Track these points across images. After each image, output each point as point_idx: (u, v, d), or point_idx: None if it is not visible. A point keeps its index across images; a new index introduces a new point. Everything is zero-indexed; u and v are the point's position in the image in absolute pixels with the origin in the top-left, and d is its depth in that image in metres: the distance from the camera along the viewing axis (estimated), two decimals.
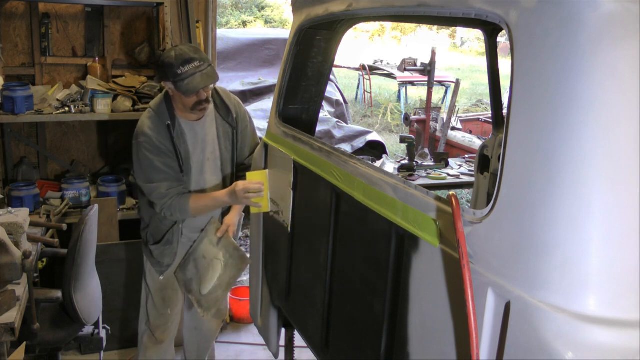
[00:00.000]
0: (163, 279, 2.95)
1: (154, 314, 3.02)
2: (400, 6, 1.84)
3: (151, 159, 2.69)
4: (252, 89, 7.07)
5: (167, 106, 2.74)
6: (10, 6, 3.77)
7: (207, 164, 2.84)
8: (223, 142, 2.85)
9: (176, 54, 2.60)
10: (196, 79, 2.58)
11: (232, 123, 2.86)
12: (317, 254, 2.35)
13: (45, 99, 3.66)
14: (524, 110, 1.29)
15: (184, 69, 2.56)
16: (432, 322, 1.61)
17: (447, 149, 6.77)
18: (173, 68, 2.58)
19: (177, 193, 2.71)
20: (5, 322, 2.22)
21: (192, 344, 3.15)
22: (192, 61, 2.58)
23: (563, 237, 1.21)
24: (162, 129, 2.71)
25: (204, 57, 2.64)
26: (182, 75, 2.56)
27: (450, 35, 28.31)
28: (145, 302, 3.06)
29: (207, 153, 2.83)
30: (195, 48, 2.67)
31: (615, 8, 1.18)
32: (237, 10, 24.68)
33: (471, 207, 3.56)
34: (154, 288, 2.98)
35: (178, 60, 2.57)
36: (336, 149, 2.28)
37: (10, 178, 3.87)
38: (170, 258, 2.90)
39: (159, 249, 2.89)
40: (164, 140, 2.71)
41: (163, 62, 2.63)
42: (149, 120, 2.73)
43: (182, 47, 2.65)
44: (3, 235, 2.32)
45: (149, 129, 2.70)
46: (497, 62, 3.29)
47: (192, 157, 2.78)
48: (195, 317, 3.10)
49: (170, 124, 2.72)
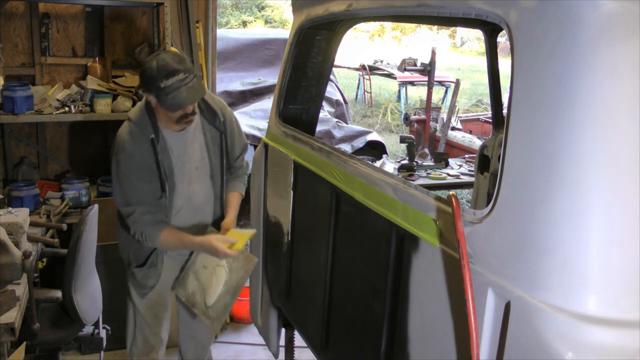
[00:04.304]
0: (154, 295, 2.74)
1: (148, 334, 2.79)
2: (400, 6, 1.85)
3: (130, 179, 2.49)
4: (252, 89, 7.06)
5: (150, 117, 2.50)
6: (10, 6, 3.77)
7: (196, 173, 2.65)
8: (211, 147, 2.66)
9: (158, 64, 2.34)
10: (181, 93, 2.35)
11: (219, 127, 2.67)
12: (317, 254, 2.35)
13: (45, 99, 3.66)
14: (524, 110, 1.29)
15: (168, 82, 2.33)
16: (432, 322, 1.61)
17: (447, 149, 6.77)
18: (155, 81, 2.34)
19: (152, 221, 2.51)
20: (5, 322, 2.22)
21: (189, 350, 2.98)
22: (177, 73, 2.33)
23: (563, 237, 1.21)
24: (144, 145, 2.48)
25: (189, 68, 2.39)
26: (166, 89, 2.33)
27: (450, 35, 28.30)
28: (133, 324, 2.81)
29: (196, 162, 2.64)
30: (179, 57, 2.41)
31: (615, 8, 1.18)
32: (237, 10, 24.67)
33: (471, 207, 3.55)
34: (143, 307, 2.75)
35: (161, 72, 2.33)
36: (336, 149, 2.28)
37: (10, 178, 3.87)
38: (154, 280, 2.71)
39: (142, 272, 2.69)
40: (147, 158, 2.49)
41: (144, 73, 2.39)
42: (130, 136, 2.50)
43: (165, 56, 2.38)
44: (3, 235, 2.32)
45: (130, 146, 2.48)
46: (497, 62, 3.29)
47: (177, 171, 2.58)
48: (190, 325, 2.94)
49: (154, 137, 2.49)
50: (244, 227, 2.87)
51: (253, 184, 3.03)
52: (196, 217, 2.69)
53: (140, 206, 2.49)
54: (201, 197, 2.68)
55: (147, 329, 2.78)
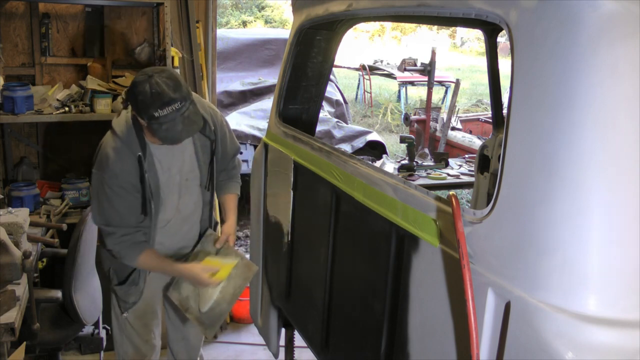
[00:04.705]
0: (141, 304, 2.64)
1: (138, 343, 2.69)
2: (400, 6, 1.85)
3: (112, 201, 2.37)
4: (252, 89, 7.06)
5: (137, 131, 2.36)
6: (10, 6, 3.77)
7: (186, 184, 2.54)
8: (201, 156, 2.55)
9: (152, 90, 2.17)
10: (177, 126, 2.20)
11: (209, 135, 2.55)
12: (317, 254, 2.35)
13: (45, 99, 3.66)
14: (524, 110, 1.29)
15: (163, 112, 2.17)
16: (432, 322, 1.61)
17: (447, 149, 6.77)
18: (148, 109, 2.18)
19: (131, 242, 2.42)
20: (5, 322, 2.22)
21: (181, 352, 2.91)
22: (172, 103, 2.17)
23: (563, 237, 1.21)
24: (130, 163, 2.35)
25: (184, 95, 2.21)
26: (160, 120, 2.18)
27: (450, 35, 28.30)
28: (120, 335, 2.71)
29: (186, 173, 2.53)
30: (175, 82, 2.21)
31: (615, 8, 1.18)
32: (237, 10, 24.68)
33: (471, 207, 3.56)
34: (132, 317, 2.65)
35: (156, 100, 2.16)
36: (336, 149, 2.28)
37: (10, 178, 3.87)
38: (136, 296, 2.61)
39: (123, 289, 2.61)
40: (131, 178, 2.36)
41: (135, 97, 2.21)
42: (115, 152, 2.35)
43: (159, 81, 2.18)
44: (3, 235, 2.32)
45: (114, 164, 2.34)
46: (497, 62, 3.29)
47: (164, 186, 2.47)
48: (180, 328, 2.85)
49: (142, 154, 2.36)
50: (244, 227, 2.86)
51: (253, 184, 3.03)
52: (184, 226, 2.63)
53: (120, 228, 2.41)
54: (190, 206, 2.61)
55: (136, 338, 2.69)
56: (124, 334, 2.70)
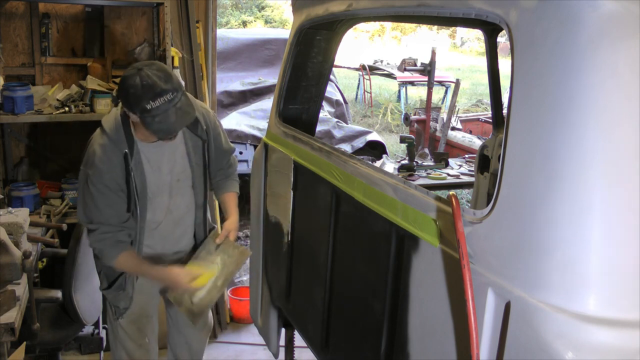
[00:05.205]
0: (135, 309, 2.61)
1: (132, 348, 2.66)
2: (400, 6, 1.85)
3: (95, 199, 2.34)
4: (252, 89, 7.06)
5: (125, 129, 2.34)
6: (10, 6, 3.77)
7: (177, 185, 2.51)
8: (193, 157, 2.52)
9: (143, 82, 2.15)
10: (170, 117, 2.18)
11: (201, 135, 2.52)
12: (317, 254, 2.35)
13: (45, 99, 3.66)
14: (524, 110, 1.29)
15: (155, 104, 2.15)
16: (432, 322, 1.61)
17: (447, 149, 6.77)
18: (140, 102, 2.16)
19: (112, 240, 2.38)
20: (5, 322, 2.22)
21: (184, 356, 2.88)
22: (164, 94, 2.15)
23: (563, 237, 1.21)
24: (116, 161, 2.33)
25: (175, 86, 2.20)
26: (152, 112, 2.16)
27: (450, 35, 28.31)
28: (114, 341, 2.69)
29: (177, 174, 2.50)
30: (165, 74, 2.21)
31: (615, 8, 1.18)
32: (237, 10, 24.68)
33: (471, 207, 3.56)
34: (125, 322, 2.62)
35: (147, 92, 2.15)
36: (336, 149, 2.28)
37: (10, 178, 3.87)
38: (125, 302, 2.58)
39: (111, 294, 2.58)
40: (116, 177, 2.34)
41: (126, 91, 2.19)
42: (102, 150, 2.33)
43: (149, 73, 2.17)
44: (3, 235, 2.32)
45: (100, 162, 2.33)
46: (497, 62, 3.29)
47: (153, 185, 2.44)
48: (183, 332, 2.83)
49: (128, 152, 2.34)
50: (244, 227, 2.86)
51: (253, 184, 3.03)
52: (177, 230, 2.61)
53: (102, 226, 2.38)
54: (182, 208, 2.58)
55: (129, 342, 2.66)
56: (117, 339, 2.67)
